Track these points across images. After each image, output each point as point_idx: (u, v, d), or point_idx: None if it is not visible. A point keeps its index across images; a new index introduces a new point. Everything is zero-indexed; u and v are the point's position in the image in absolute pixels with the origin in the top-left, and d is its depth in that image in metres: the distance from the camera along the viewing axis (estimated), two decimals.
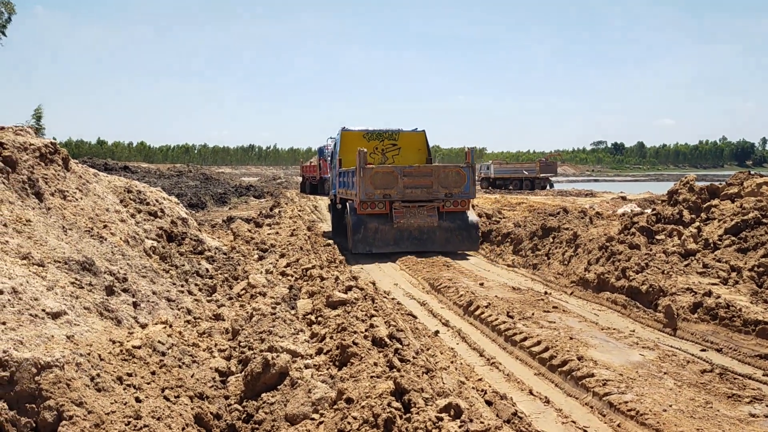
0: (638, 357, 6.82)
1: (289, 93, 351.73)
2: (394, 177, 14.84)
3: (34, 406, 3.86)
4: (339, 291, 7.78)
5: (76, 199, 7.95)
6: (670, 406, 5.39)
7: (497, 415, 4.52)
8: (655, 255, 10.17)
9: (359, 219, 14.84)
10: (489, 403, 4.95)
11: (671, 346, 7.27)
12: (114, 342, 5.11)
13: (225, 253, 11.30)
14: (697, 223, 10.76)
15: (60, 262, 6.01)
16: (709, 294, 8.12)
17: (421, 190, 14.92)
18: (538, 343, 7.15)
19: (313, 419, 4.70)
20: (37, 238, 6.25)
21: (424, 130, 18.06)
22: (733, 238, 9.77)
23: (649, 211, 14.61)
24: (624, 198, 33.07)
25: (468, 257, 14.47)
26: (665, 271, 9.43)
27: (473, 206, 16.56)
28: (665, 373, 6.28)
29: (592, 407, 5.65)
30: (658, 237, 11.14)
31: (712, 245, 9.97)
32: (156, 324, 6.06)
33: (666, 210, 11.68)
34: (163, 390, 4.75)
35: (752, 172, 11.86)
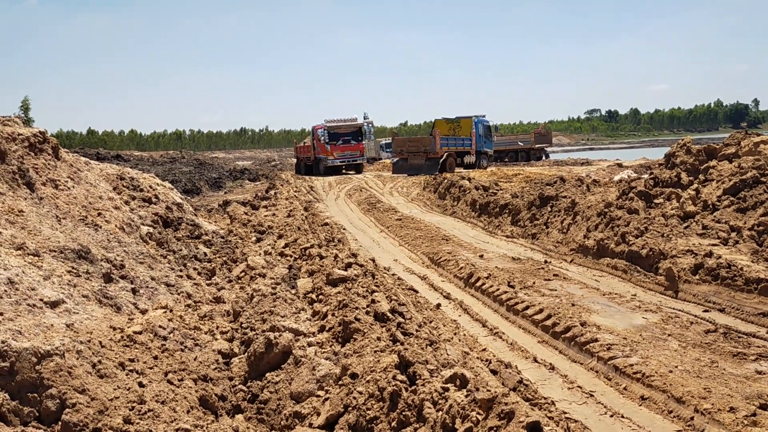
0: (641, 320, 6.81)
1: (279, 74, 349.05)
2: (403, 140, 35.52)
3: (36, 395, 3.83)
4: (339, 268, 7.73)
5: (68, 188, 7.86)
6: (676, 367, 5.38)
7: (503, 384, 4.50)
8: (654, 219, 10.14)
9: (398, 160, 34.19)
10: (494, 372, 4.93)
11: (674, 308, 7.27)
12: (114, 328, 5.07)
13: (222, 237, 11.24)
14: (696, 185, 10.71)
15: (55, 251, 5.95)
16: (709, 255, 8.10)
17: (416, 147, 33.33)
18: (541, 311, 7.13)
19: (318, 396, 4.69)
20: (31, 228, 6.18)
21: (471, 117, 35.76)
22: (732, 198, 9.72)
23: (646, 176, 14.55)
24: (620, 165, 32.90)
25: (466, 231, 14.45)
26: (665, 234, 9.40)
27: (443, 155, 32.36)
28: (669, 335, 6.27)
29: (597, 372, 5.65)
30: (656, 201, 11.09)
31: (711, 206, 9.93)
32: (156, 309, 6.03)
33: (663, 173, 11.62)
34: (166, 374, 4.73)
35: (749, 132, 11.78)
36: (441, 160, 31.92)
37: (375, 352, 4.92)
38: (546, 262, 10.19)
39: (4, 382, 3.76)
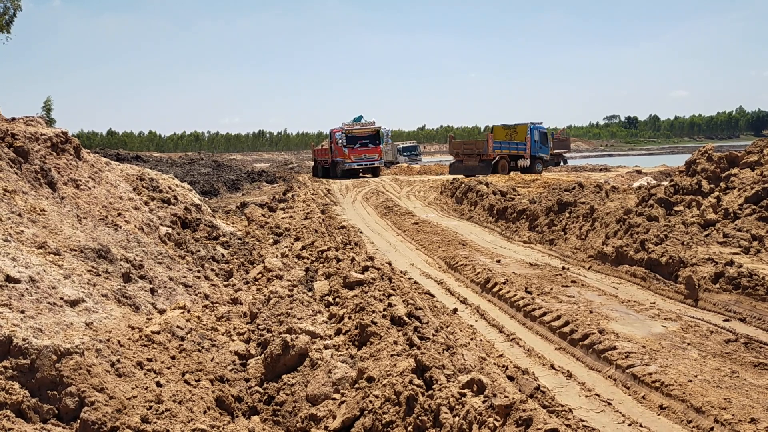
0: (660, 329, 6.74)
1: (298, 77, 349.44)
2: (459, 143, 37.50)
3: (55, 392, 3.86)
4: (355, 272, 7.74)
5: (89, 188, 7.95)
6: (696, 376, 5.31)
7: (520, 390, 4.46)
8: (674, 226, 10.04)
9: (454, 161, 36.64)
10: (511, 378, 4.89)
11: (693, 317, 7.18)
12: (133, 328, 5.11)
13: (240, 238, 11.30)
14: (717, 193, 10.60)
15: (76, 250, 6.01)
16: (730, 263, 7.99)
17: (471, 149, 35.39)
18: (558, 317, 7.08)
19: (334, 399, 4.68)
20: (52, 227, 6.25)
21: (527, 123, 37.02)
22: (753, 206, 9.61)
23: (665, 183, 14.42)
24: (639, 171, 32.67)
25: (483, 236, 14.40)
26: (685, 242, 9.30)
27: (495, 158, 34.53)
28: (689, 344, 6.20)
29: (615, 380, 5.59)
30: (676, 208, 11.00)
31: (732, 214, 9.82)
32: (174, 309, 6.06)
33: (684, 180, 11.51)
34: (183, 374, 4.75)
35: None
36: (493, 162, 34.40)
37: (391, 356, 4.91)
38: (564, 268, 10.11)
39: (24, 380, 3.80)
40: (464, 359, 4.91)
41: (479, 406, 3.61)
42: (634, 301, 7.92)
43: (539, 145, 37.75)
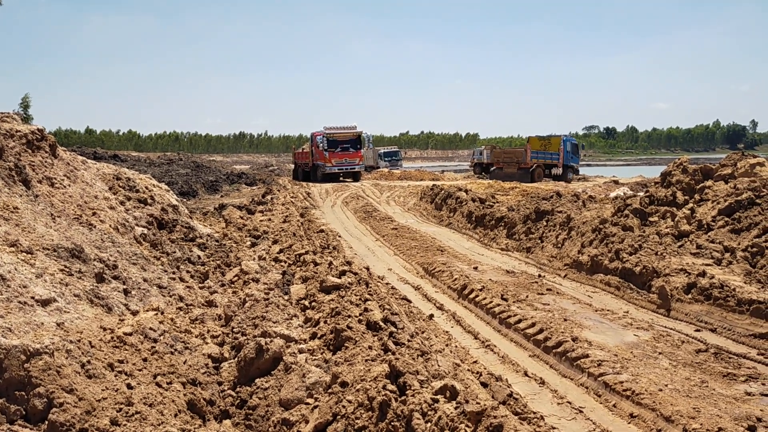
0: (633, 338, 6.82)
1: (281, 81, 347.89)
2: (500, 152, 44.11)
3: (23, 393, 3.80)
4: (333, 276, 7.72)
5: (64, 186, 7.84)
6: (666, 385, 5.38)
7: (493, 397, 4.49)
8: (648, 236, 10.16)
9: (495, 168, 41.57)
10: (484, 384, 4.92)
11: (665, 327, 7.28)
12: (105, 329, 5.05)
13: (217, 240, 11.22)
14: (691, 205, 10.74)
15: (49, 249, 5.93)
16: (702, 274, 8.12)
17: (509, 157, 40.74)
18: (533, 325, 7.13)
19: (307, 404, 4.67)
20: (25, 225, 6.16)
21: (560, 135, 39.58)
22: (726, 218, 9.76)
23: (641, 193, 14.59)
24: (616, 182, 33.07)
25: (462, 242, 14.46)
26: (659, 253, 9.42)
27: (532, 166, 38.21)
28: (660, 353, 6.28)
29: (587, 388, 5.64)
30: (651, 219, 11.13)
31: (705, 226, 9.96)
32: (147, 311, 6.00)
33: (659, 192, 11.66)
34: (155, 376, 4.70)
35: (745, 153, 11.84)
36: (531, 170, 38.30)
37: (366, 360, 4.91)
38: (540, 276, 10.19)
39: None
40: (438, 365, 4.92)
41: (451, 413, 3.62)
42: (608, 310, 8.00)
43: (571, 155, 41.11)
